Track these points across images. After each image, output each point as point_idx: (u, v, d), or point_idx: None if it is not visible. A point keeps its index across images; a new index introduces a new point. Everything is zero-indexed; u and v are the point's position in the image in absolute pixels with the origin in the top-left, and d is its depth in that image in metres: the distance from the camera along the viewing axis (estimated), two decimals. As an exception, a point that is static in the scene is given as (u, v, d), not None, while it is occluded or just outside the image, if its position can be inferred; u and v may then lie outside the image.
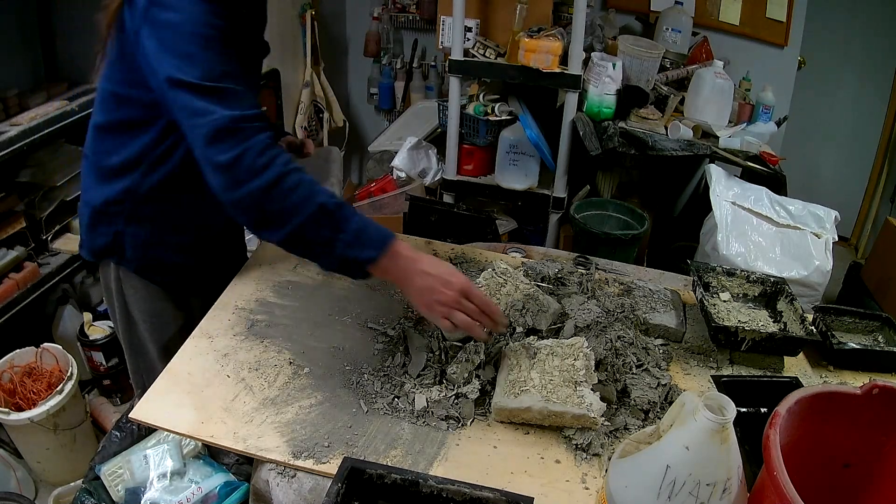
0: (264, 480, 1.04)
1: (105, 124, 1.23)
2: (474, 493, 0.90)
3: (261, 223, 1.05)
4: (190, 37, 1.03)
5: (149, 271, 1.34)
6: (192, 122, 1.03)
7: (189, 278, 1.40)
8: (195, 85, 1.02)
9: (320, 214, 1.04)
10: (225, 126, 1.01)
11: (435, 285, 1.08)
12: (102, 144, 1.25)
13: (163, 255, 1.34)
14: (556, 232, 2.65)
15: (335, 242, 1.05)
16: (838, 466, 0.96)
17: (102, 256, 1.34)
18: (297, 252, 1.11)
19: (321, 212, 1.04)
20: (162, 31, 1.03)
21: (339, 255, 1.06)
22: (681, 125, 2.35)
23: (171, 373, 1.17)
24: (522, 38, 2.29)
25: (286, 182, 1.03)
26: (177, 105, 1.04)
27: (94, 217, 1.30)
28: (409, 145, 2.79)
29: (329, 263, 1.10)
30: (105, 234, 1.30)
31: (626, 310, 1.38)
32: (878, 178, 3.44)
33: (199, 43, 1.03)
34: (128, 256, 1.31)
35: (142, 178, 1.24)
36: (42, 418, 1.84)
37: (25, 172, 2.12)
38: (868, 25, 3.26)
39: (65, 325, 2.29)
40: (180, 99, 1.03)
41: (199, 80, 1.02)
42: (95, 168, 1.27)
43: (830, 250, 2.12)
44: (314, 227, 1.04)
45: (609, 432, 1.11)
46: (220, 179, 1.03)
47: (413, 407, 1.13)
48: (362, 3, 3.59)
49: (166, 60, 1.03)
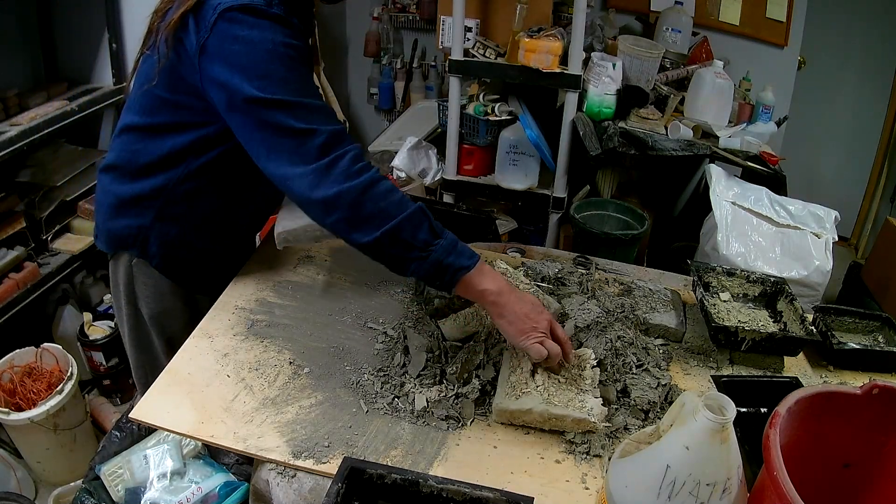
0: (264, 480, 1.04)
1: (144, 125, 1.23)
2: (474, 493, 0.90)
3: (354, 222, 1.06)
4: (269, 57, 1.04)
5: (170, 268, 1.35)
6: (285, 139, 1.05)
7: (207, 277, 1.41)
8: (287, 102, 1.04)
9: (420, 216, 1.07)
10: (328, 141, 1.04)
11: (531, 313, 1.10)
12: (136, 143, 1.25)
13: (187, 254, 1.35)
14: (556, 232, 2.65)
15: (432, 246, 1.07)
16: (838, 466, 0.96)
17: (121, 248, 1.33)
18: (387, 256, 1.09)
19: (421, 213, 1.07)
20: (234, 46, 1.04)
21: (435, 259, 1.07)
22: (681, 125, 2.35)
23: (171, 373, 1.17)
24: (522, 38, 2.29)
25: (382, 184, 1.06)
26: (262, 122, 1.05)
27: (120, 207, 1.30)
28: (409, 145, 2.79)
29: (420, 268, 1.08)
30: (129, 227, 1.30)
31: (626, 310, 1.38)
32: (878, 178, 3.44)
33: (282, 63, 1.05)
34: (151, 252, 1.31)
35: (179, 179, 1.25)
36: (42, 418, 1.84)
37: (25, 172, 2.12)
38: (868, 25, 3.26)
39: (65, 325, 2.29)
40: (269, 117, 1.04)
41: (291, 98, 1.04)
42: (126, 163, 1.27)
43: (830, 250, 2.12)
44: (411, 229, 1.06)
45: (609, 432, 1.11)
46: (314, 181, 1.04)
47: (413, 407, 1.13)
48: (362, 3, 3.58)
49: (244, 78, 1.03)
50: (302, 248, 1.55)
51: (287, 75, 1.06)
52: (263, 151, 1.08)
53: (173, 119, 1.20)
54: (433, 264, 1.07)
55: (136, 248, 1.31)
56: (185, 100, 1.17)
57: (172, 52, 1.12)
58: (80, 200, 2.22)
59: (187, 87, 1.14)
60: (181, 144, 1.21)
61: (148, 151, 1.24)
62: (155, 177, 1.25)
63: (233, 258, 1.48)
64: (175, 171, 1.24)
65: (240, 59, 1.04)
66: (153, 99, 1.20)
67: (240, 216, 1.41)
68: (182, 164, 1.24)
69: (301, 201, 1.08)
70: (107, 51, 2.30)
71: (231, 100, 1.07)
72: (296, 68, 1.07)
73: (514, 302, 1.10)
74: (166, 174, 1.24)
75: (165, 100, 1.19)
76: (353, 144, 1.08)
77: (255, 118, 1.06)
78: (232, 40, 1.04)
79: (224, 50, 1.05)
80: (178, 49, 1.11)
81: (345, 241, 1.10)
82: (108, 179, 1.31)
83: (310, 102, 1.07)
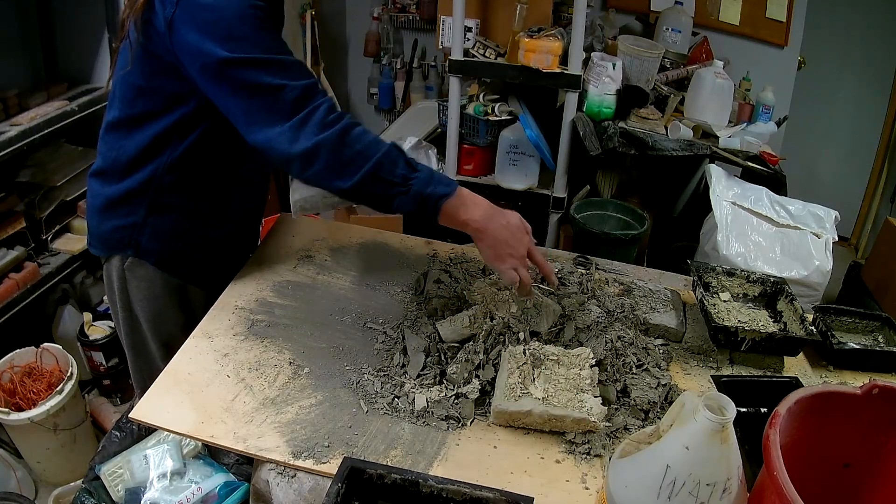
0: (264, 480, 1.04)
1: (124, 118, 1.24)
2: (474, 493, 0.90)
3: (335, 169, 1.09)
4: (239, 20, 1.06)
5: (169, 263, 1.35)
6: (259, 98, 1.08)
7: (209, 267, 1.42)
8: (260, 60, 1.06)
9: (396, 153, 1.12)
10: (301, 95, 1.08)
11: (511, 240, 1.16)
12: (120, 139, 1.26)
13: (185, 246, 1.35)
14: (556, 232, 2.65)
15: (411, 180, 1.11)
16: (838, 466, 0.96)
17: (114, 250, 1.33)
18: (371, 196, 1.13)
19: (396, 150, 1.12)
20: (202, 14, 1.06)
21: (416, 192, 1.11)
22: (681, 125, 2.35)
23: (171, 373, 1.17)
24: (522, 38, 2.29)
25: (356, 129, 1.11)
26: (237, 83, 1.07)
27: (110, 209, 1.30)
28: (409, 145, 2.77)
29: (404, 203, 1.12)
30: (121, 227, 1.30)
31: (626, 310, 1.38)
32: (878, 178, 3.44)
33: (252, 24, 1.07)
34: (147, 249, 1.31)
35: (165, 167, 1.25)
36: (42, 418, 1.84)
37: (25, 172, 2.12)
38: (868, 25, 3.26)
39: (65, 325, 2.29)
40: (244, 76, 1.06)
41: (264, 55, 1.06)
42: (112, 163, 1.28)
43: (830, 250, 2.12)
44: (390, 166, 1.10)
45: (609, 432, 1.11)
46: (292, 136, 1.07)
47: (413, 407, 1.13)
48: (362, 3, 3.59)
49: (216, 43, 1.05)
50: (302, 247, 1.55)
51: (256, 35, 1.08)
52: (242, 117, 1.11)
53: (151, 106, 1.21)
54: (414, 197, 1.12)
55: (130, 249, 1.31)
56: (159, 83, 1.18)
57: (142, 35, 1.13)
58: (80, 200, 2.22)
59: (161, 69, 1.15)
60: (162, 129, 1.22)
61: (131, 144, 1.24)
62: (141, 170, 1.25)
63: (233, 244, 1.47)
64: (160, 160, 1.24)
65: (208, 26, 1.06)
66: (130, 89, 1.21)
67: (233, 197, 1.40)
68: (166, 150, 1.24)
69: (283, 160, 1.10)
70: (107, 51, 2.29)
71: (205, 66, 1.08)
72: (265, 28, 1.09)
73: (496, 229, 1.16)
74: (152, 164, 1.25)
75: (141, 87, 1.20)
76: (326, 97, 1.11)
77: (230, 81, 1.08)
78: (199, 8, 1.06)
79: (193, 19, 1.06)
80: (148, 31, 1.12)
81: (329, 190, 1.15)
82: (98, 184, 1.31)
83: (282, 59, 1.09)
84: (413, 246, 1.62)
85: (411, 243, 1.63)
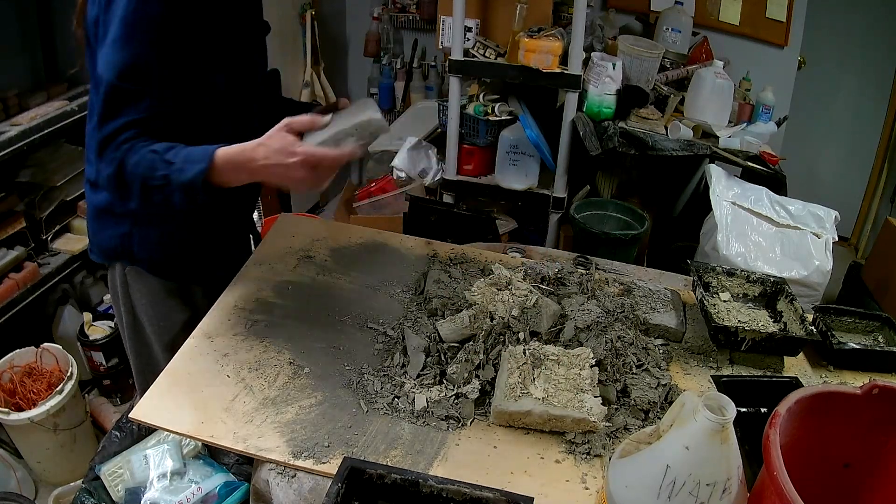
0: (264, 480, 1.04)
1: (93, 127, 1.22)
2: (474, 493, 0.90)
3: (123, 198, 1.11)
4: (122, 26, 1.04)
5: (164, 269, 1.34)
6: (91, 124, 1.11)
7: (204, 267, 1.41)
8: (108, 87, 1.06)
9: (152, 160, 1.07)
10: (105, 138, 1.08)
11: (281, 170, 1.07)
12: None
13: (176, 250, 1.35)
14: (556, 232, 2.65)
15: (170, 176, 1.06)
16: (838, 466, 0.96)
17: (112, 258, 1.34)
18: (165, 208, 1.11)
19: (152, 157, 1.07)
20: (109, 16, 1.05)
21: (177, 184, 1.06)
22: (681, 125, 2.35)
23: (171, 373, 1.17)
24: (522, 38, 2.29)
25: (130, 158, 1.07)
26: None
27: (100, 218, 1.31)
28: (409, 145, 2.79)
29: (181, 200, 1.08)
30: (113, 237, 1.30)
31: (626, 310, 1.38)
32: (878, 178, 3.44)
33: (127, 32, 1.04)
34: (140, 258, 1.31)
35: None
36: (42, 418, 1.84)
37: (25, 172, 2.12)
38: (868, 25, 3.26)
39: (65, 325, 2.29)
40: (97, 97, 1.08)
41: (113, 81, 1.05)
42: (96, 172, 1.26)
43: (830, 250, 2.12)
44: (150, 174, 1.06)
45: (609, 432, 1.11)
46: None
47: (413, 407, 1.13)
48: (362, 3, 3.59)
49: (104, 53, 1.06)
50: (302, 247, 1.55)
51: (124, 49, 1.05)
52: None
53: None
54: (180, 189, 1.06)
55: (125, 259, 1.32)
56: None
57: (86, 43, 1.14)
58: (80, 200, 2.22)
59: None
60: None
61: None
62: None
63: (225, 242, 1.47)
64: None
65: (108, 33, 1.06)
66: (91, 97, 1.20)
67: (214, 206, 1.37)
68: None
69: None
70: (107, 51, 2.29)
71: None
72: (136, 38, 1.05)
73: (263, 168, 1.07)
74: None
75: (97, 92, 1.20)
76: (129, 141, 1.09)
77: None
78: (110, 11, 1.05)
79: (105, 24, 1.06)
80: (89, 36, 1.13)
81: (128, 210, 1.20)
82: (89, 191, 1.32)
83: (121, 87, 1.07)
84: (413, 246, 1.62)
85: (411, 243, 1.63)
